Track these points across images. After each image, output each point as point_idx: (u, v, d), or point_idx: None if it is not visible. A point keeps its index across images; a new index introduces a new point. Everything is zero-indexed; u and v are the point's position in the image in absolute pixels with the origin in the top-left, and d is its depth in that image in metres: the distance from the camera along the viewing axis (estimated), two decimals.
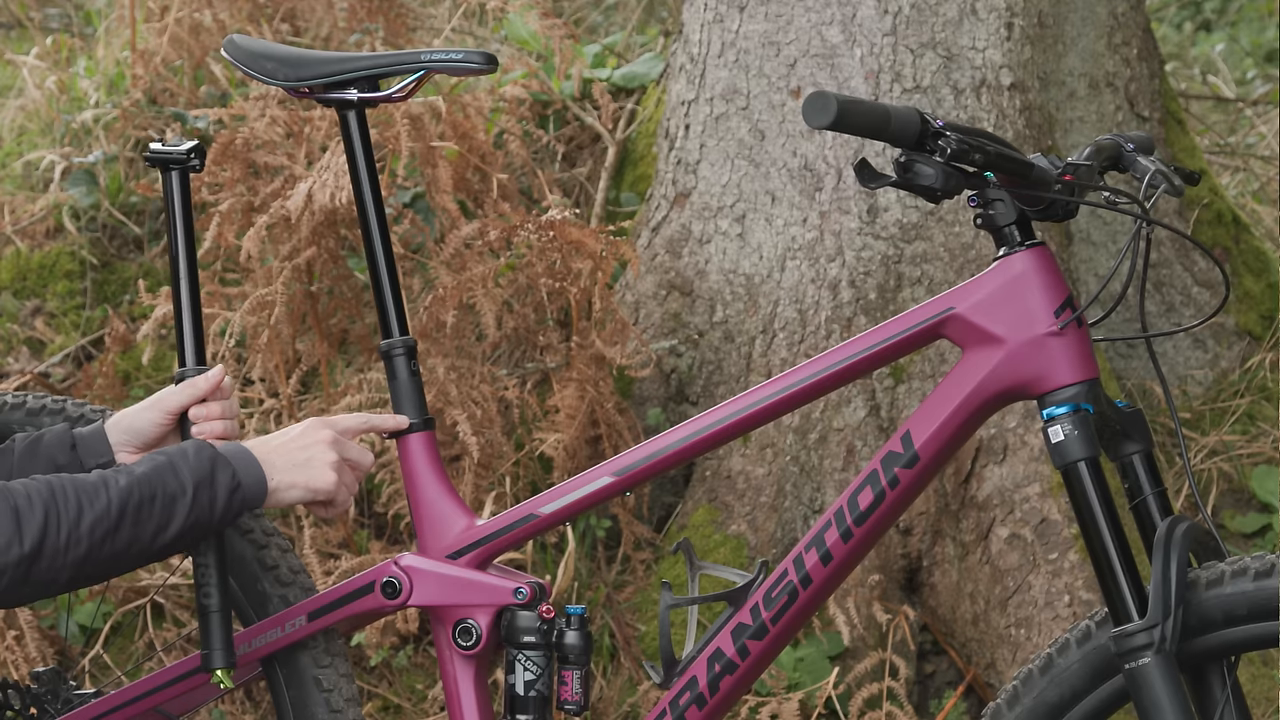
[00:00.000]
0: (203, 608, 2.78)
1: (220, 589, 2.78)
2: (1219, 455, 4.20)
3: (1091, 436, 2.54)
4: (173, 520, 2.55)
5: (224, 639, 2.78)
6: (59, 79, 5.06)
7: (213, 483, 2.58)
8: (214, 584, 2.77)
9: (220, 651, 2.78)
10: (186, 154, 2.88)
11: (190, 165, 2.88)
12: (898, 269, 4.03)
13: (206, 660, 2.78)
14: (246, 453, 2.64)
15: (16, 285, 4.69)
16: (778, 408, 2.71)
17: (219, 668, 2.78)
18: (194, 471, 2.57)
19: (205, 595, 2.78)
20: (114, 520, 2.50)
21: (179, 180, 2.88)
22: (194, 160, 2.88)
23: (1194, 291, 4.39)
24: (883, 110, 2.48)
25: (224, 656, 2.78)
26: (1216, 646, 2.52)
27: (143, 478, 2.52)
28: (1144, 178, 2.61)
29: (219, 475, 2.59)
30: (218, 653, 2.78)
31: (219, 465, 2.59)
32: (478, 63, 2.81)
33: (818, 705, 3.79)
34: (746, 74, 4.14)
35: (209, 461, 2.59)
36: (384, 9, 4.95)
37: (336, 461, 2.72)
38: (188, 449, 2.60)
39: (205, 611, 2.78)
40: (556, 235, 3.95)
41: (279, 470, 2.67)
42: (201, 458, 2.59)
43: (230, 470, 2.60)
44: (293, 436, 2.72)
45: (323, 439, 2.72)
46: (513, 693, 2.80)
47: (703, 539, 3.98)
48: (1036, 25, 4.12)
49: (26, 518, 2.42)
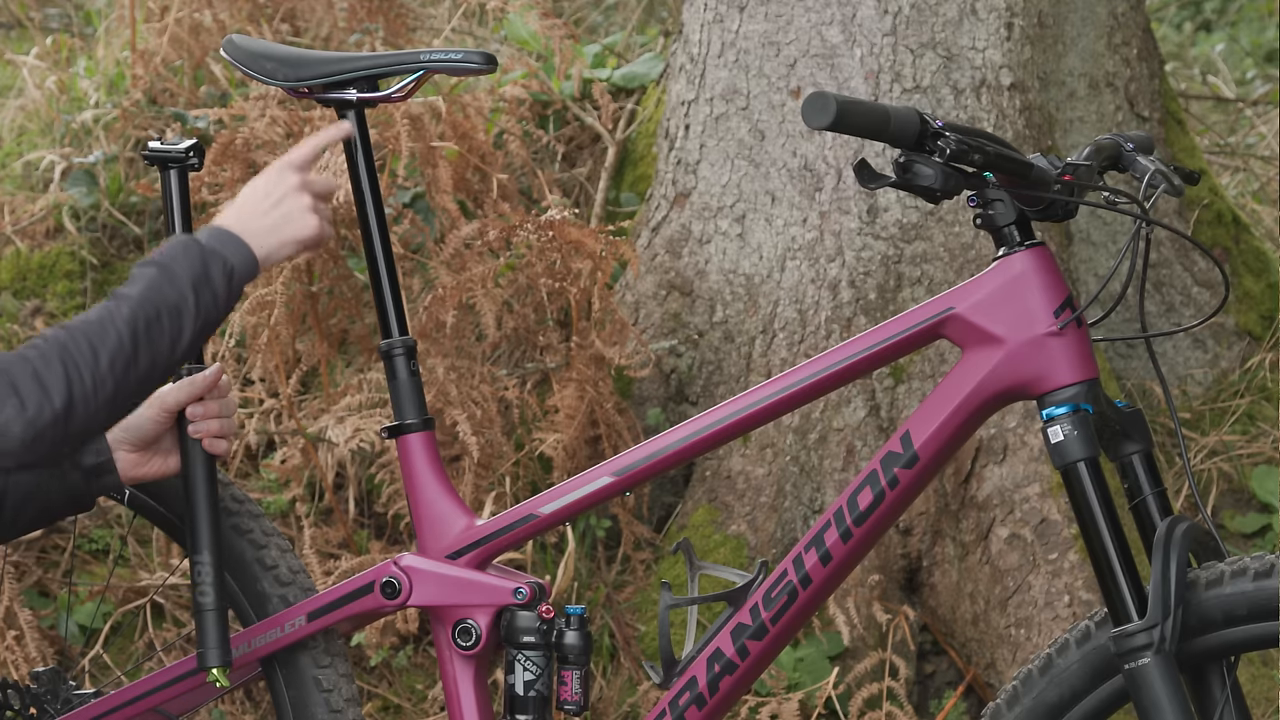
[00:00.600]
0: (198, 605, 2.78)
1: (216, 587, 2.78)
2: (1219, 455, 4.20)
3: (1091, 436, 2.54)
4: (184, 329, 2.51)
5: (219, 637, 2.78)
6: (59, 79, 5.06)
7: (208, 278, 2.53)
8: (210, 582, 2.77)
9: (215, 650, 2.78)
10: (185, 152, 2.87)
11: (189, 164, 2.88)
12: (898, 269, 4.03)
13: (202, 659, 2.78)
14: (229, 234, 2.59)
15: (16, 285, 4.69)
16: (778, 408, 2.71)
17: (214, 666, 2.78)
18: (189, 273, 2.52)
19: (201, 593, 2.78)
20: (130, 350, 2.47)
21: (178, 178, 2.88)
22: (193, 159, 2.88)
23: (1194, 291, 4.39)
24: (882, 111, 2.48)
25: (219, 655, 2.78)
26: (1216, 647, 2.52)
27: (143, 298, 2.49)
28: (1144, 178, 2.61)
29: (212, 269, 2.54)
30: (212, 651, 2.78)
31: (210, 259, 2.55)
32: (477, 63, 2.81)
33: (818, 705, 3.79)
34: (746, 74, 4.14)
35: (200, 259, 2.54)
36: (384, 9, 4.94)
37: (311, 203, 2.67)
38: (176, 250, 2.55)
39: (201, 610, 2.78)
40: (556, 235, 3.95)
41: (262, 235, 2.62)
42: (191, 257, 2.54)
43: (221, 259, 2.55)
44: (262, 194, 2.66)
45: (291, 185, 2.66)
46: (512, 693, 2.80)
47: (703, 539, 3.98)
48: (1036, 25, 4.12)
49: (48, 376, 2.41)
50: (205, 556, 2.77)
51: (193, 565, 2.78)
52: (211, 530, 2.79)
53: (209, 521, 2.80)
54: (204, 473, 2.80)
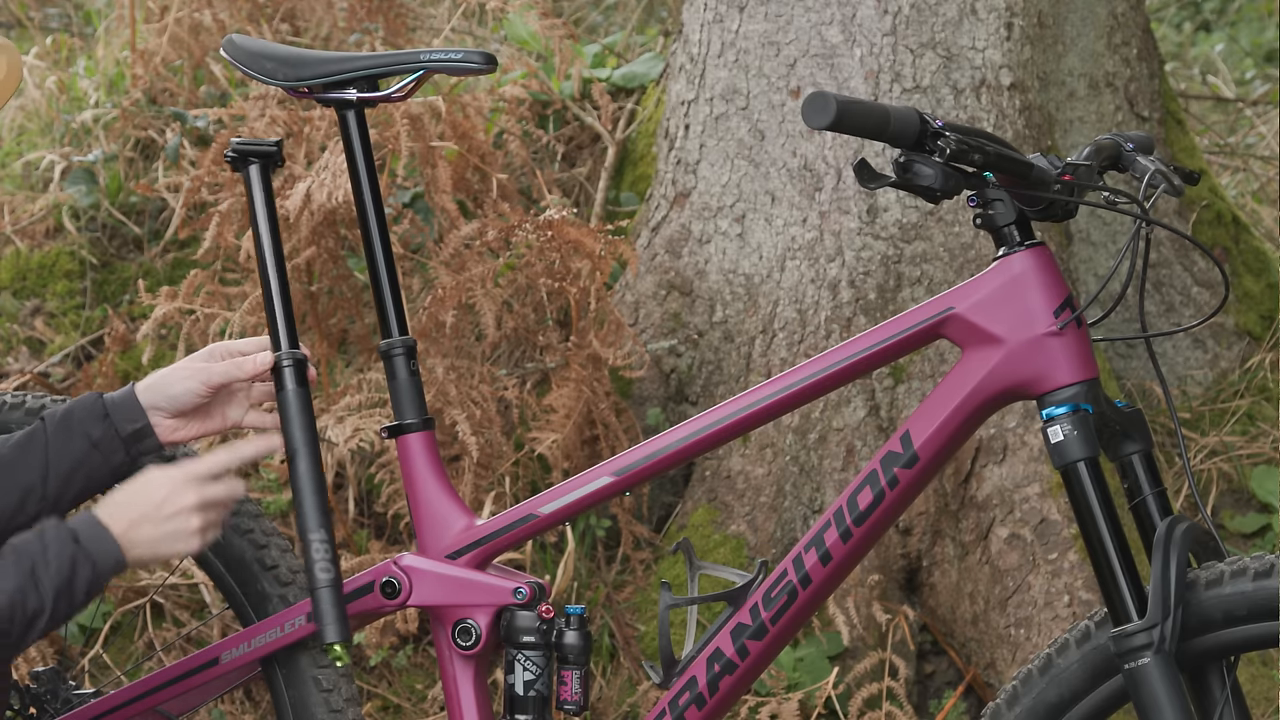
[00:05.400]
0: (316, 582, 2.74)
1: (335, 563, 2.75)
2: (1219, 455, 4.20)
3: (1091, 436, 2.54)
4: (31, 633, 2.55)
5: (338, 613, 2.75)
6: (59, 79, 5.06)
7: (71, 588, 2.56)
8: (328, 558, 2.74)
9: (335, 625, 2.75)
10: (275, 145, 2.87)
11: (276, 159, 2.87)
12: (897, 269, 4.03)
13: (322, 635, 2.75)
14: (107, 538, 2.59)
15: (16, 285, 4.69)
16: (777, 408, 2.71)
17: (334, 642, 2.75)
18: (54, 581, 2.54)
19: (323, 569, 2.75)
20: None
21: (260, 174, 2.87)
22: (278, 152, 2.87)
23: (1194, 291, 4.39)
24: (882, 111, 2.48)
25: (339, 630, 2.75)
26: (1216, 647, 2.52)
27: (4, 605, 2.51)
28: (1144, 178, 2.61)
29: (78, 578, 2.56)
30: (331, 626, 2.75)
31: (79, 566, 2.56)
32: (477, 63, 2.81)
33: (817, 705, 3.79)
34: (746, 74, 4.15)
35: (69, 565, 2.56)
36: (384, 9, 4.95)
37: (200, 526, 2.65)
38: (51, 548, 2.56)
39: (318, 586, 2.74)
40: (555, 235, 3.95)
41: (141, 546, 2.62)
42: (62, 561, 2.55)
43: (91, 565, 2.57)
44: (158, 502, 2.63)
45: (188, 504, 2.64)
46: (512, 693, 2.80)
47: (702, 539, 3.98)
48: (1036, 25, 4.12)
49: None
50: (321, 534, 2.76)
51: (308, 544, 2.76)
52: (322, 508, 2.78)
53: (319, 500, 2.78)
54: (309, 454, 2.80)
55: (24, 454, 2.74)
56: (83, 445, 2.74)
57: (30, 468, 2.72)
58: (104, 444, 2.73)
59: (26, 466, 2.72)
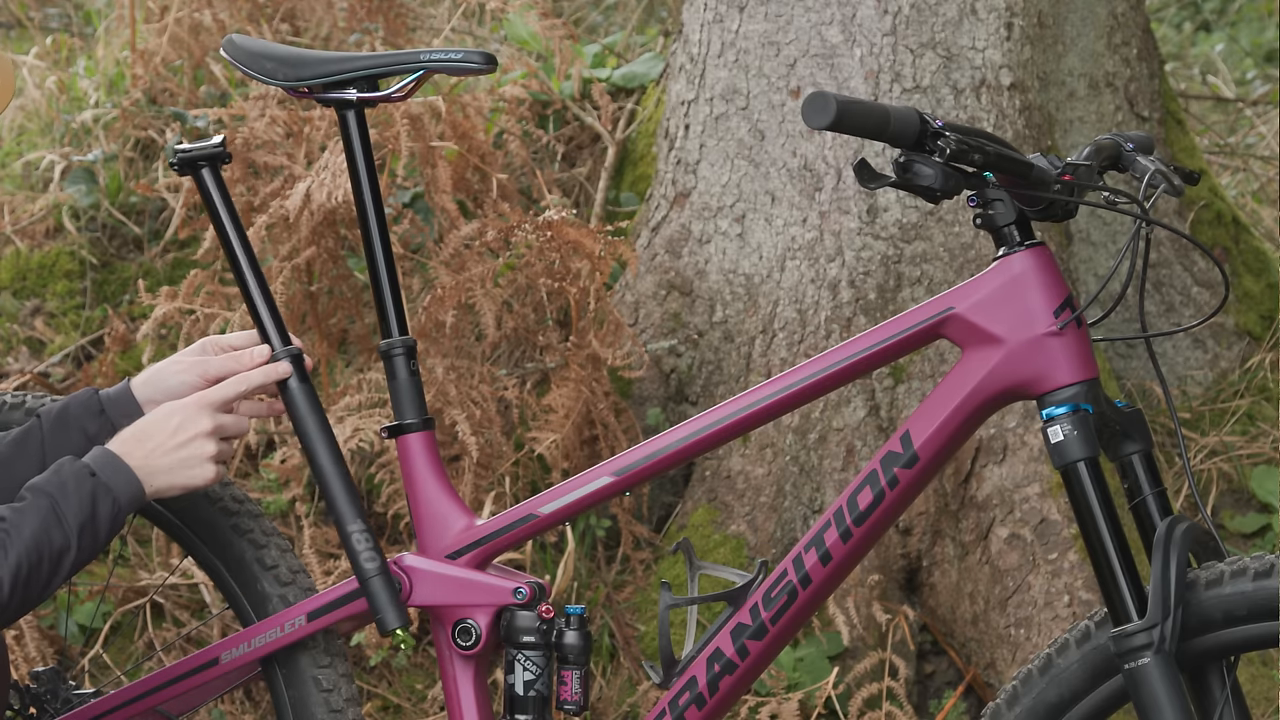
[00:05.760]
0: (365, 573, 2.76)
1: (379, 551, 2.77)
2: (1219, 455, 4.20)
3: (1091, 436, 2.54)
4: (61, 570, 2.55)
5: (393, 599, 2.76)
6: (59, 79, 5.06)
7: (95, 520, 2.57)
8: (371, 547, 2.76)
9: (393, 611, 2.76)
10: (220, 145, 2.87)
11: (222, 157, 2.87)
12: (897, 269, 4.03)
13: (381, 624, 2.76)
14: (124, 469, 2.61)
15: (16, 285, 4.69)
16: (777, 408, 2.71)
17: (395, 628, 2.76)
18: (77, 516, 2.56)
19: (369, 559, 2.76)
20: (5, 597, 2.51)
21: (212, 175, 2.87)
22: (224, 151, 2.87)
23: (1194, 291, 4.39)
24: (882, 110, 2.48)
25: (398, 615, 2.77)
26: (1216, 647, 2.52)
27: (30, 545, 2.52)
28: (1143, 178, 2.61)
29: (100, 510, 2.57)
30: (389, 613, 2.77)
31: (100, 498, 2.58)
32: (477, 63, 2.81)
33: (817, 705, 3.79)
34: (746, 74, 4.15)
35: (90, 498, 2.57)
36: (384, 9, 4.95)
37: (215, 451, 2.68)
38: (69, 484, 2.57)
39: (368, 576, 2.76)
40: (555, 235, 3.95)
41: (158, 475, 2.64)
42: (83, 495, 2.56)
43: (111, 498, 2.58)
44: (173, 430, 2.66)
45: (202, 430, 2.67)
46: (512, 693, 2.80)
47: (702, 539, 3.98)
48: (1036, 25, 4.12)
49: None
50: (359, 524, 2.77)
51: (347, 537, 2.77)
52: (353, 498, 2.79)
53: (348, 491, 2.79)
54: (328, 447, 2.80)
55: (21, 450, 2.75)
56: (79, 441, 2.74)
57: (27, 464, 2.73)
58: (100, 439, 2.73)
59: (23, 463, 2.73)
